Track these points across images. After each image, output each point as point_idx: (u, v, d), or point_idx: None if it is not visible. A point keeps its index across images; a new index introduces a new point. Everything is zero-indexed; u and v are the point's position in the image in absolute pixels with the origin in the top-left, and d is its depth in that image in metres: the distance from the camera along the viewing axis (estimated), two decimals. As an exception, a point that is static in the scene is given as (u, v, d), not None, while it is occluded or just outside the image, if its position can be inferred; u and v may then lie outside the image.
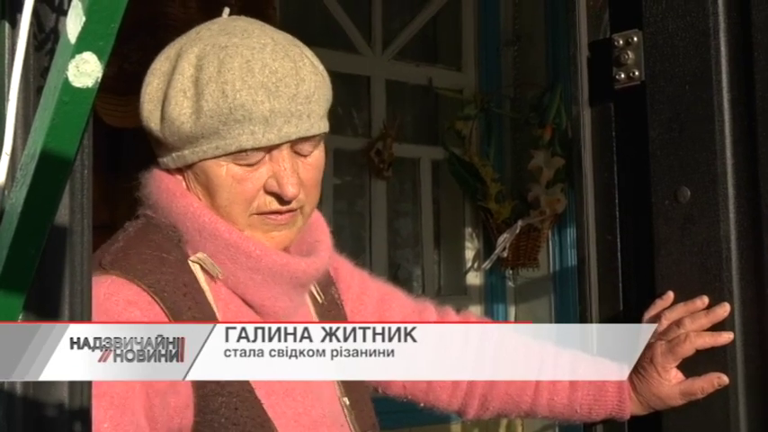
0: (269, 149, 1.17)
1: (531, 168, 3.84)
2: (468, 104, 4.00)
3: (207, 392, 1.13)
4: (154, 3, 2.69)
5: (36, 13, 0.78)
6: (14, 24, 0.79)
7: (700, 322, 1.36)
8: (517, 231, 3.83)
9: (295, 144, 1.18)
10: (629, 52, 1.48)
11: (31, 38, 0.77)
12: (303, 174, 1.20)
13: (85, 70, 0.64)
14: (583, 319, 1.59)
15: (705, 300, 1.36)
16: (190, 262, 1.18)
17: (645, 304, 1.48)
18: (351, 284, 1.45)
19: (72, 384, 0.81)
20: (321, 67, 1.23)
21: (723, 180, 1.37)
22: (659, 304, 1.41)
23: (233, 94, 1.14)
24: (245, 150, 1.16)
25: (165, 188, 1.22)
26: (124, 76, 2.68)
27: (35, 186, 0.68)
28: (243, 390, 1.16)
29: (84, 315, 0.82)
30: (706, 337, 1.35)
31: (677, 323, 1.37)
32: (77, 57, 0.64)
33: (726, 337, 1.35)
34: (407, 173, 4.05)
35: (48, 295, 0.80)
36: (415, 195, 4.06)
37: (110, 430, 1.05)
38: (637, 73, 1.48)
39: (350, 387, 1.34)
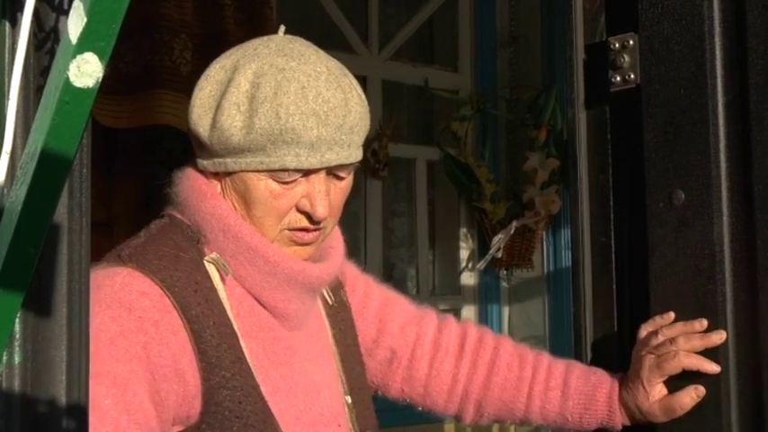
0: (307, 171, 1.24)
1: (526, 169, 3.85)
2: (464, 105, 4.00)
3: (213, 384, 1.19)
4: (149, 3, 2.69)
5: (36, 13, 0.78)
6: (15, 24, 0.80)
7: (693, 343, 1.37)
8: (512, 232, 3.83)
9: (332, 168, 1.25)
10: (625, 55, 1.49)
11: (31, 37, 0.78)
12: (332, 195, 1.27)
13: (86, 70, 0.64)
14: (576, 320, 1.60)
15: (704, 323, 1.37)
16: (205, 262, 1.25)
17: (639, 306, 1.48)
18: (356, 287, 1.50)
19: (69, 383, 0.82)
20: (364, 98, 1.29)
21: (717, 183, 1.38)
22: (658, 322, 1.42)
23: (286, 117, 1.20)
24: (287, 170, 1.22)
25: (198, 188, 1.28)
26: (118, 77, 2.67)
27: (35, 185, 0.68)
28: (247, 385, 1.21)
29: (82, 313, 0.82)
30: (694, 358, 1.36)
31: (671, 340, 1.38)
32: (78, 57, 0.64)
33: (713, 368, 1.35)
34: (403, 173, 4.05)
35: (46, 294, 0.80)
36: (410, 195, 4.06)
37: (111, 407, 1.10)
38: (632, 76, 1.48)
39: (353, 386, 1.39)
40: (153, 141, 2.83)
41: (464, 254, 4.11)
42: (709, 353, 1.37)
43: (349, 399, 1.37)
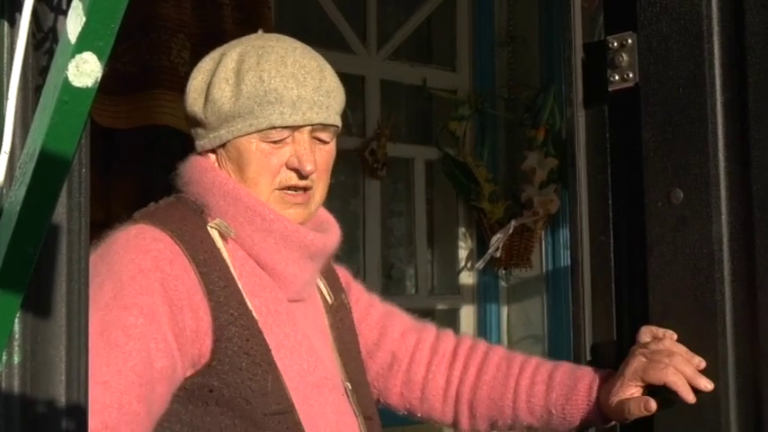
0: (293, 131, 1.38)
1: (525, 169, 3.84)
2: (463, 105, 4.00)
3: (222, 322, 1.29)
4: (147, 3, 2.68)
5: (35, 13, 0.78)
6: (13, 23, 0.80)
7: (684, 368, 1.36)
8: (510, 231, 3.83)
9: (314, 131, 1.40)
10: (624, 54, 1.49)
11: (29, 37, 0.78)
12: (318, 157, 1.40)
13: (85, 70, 0.64)
14: (575, 319, 1.60)
15: (702, 364, 1.37)
16: (208, 227, 1.37)
17: (638, 305, 1.49)
18: (360, 298, 1.59)
19: (68, 382, 0.82)
20: (336, 76, 1.44)
21: (716, 182, 1.38)
22: (663, 333, 1.41)
23: (268, 80, 1.36)
24: (275, 128, 1.36)
25: (199, 166, 1.42)
26: (116, 76, 2.67)
27: (34, 185, 0.68)
28: (253, 327, 1.31)
29: (81, 313, 0.82)
30: (680, 380, 1.36)
31: (669, 353, 1.38)
32: (77, 57, 0.64)
33: (691, 397, 1.35)
34: (401, 173, 4.05)
35: (45, 294, 0.80)
36: (408, 195, 4.06)
37: (140, 336, 1.21)
38: (631, 75, 1.49)
39: (352, 378, 1.45)
40: (151, 141, 2.82)
41: (463, 253, 4.10)
42: (707, 352, 1.38)
43: (349, 385, 1.43)
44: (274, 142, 1.37)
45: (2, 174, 0.76)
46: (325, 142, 1.42)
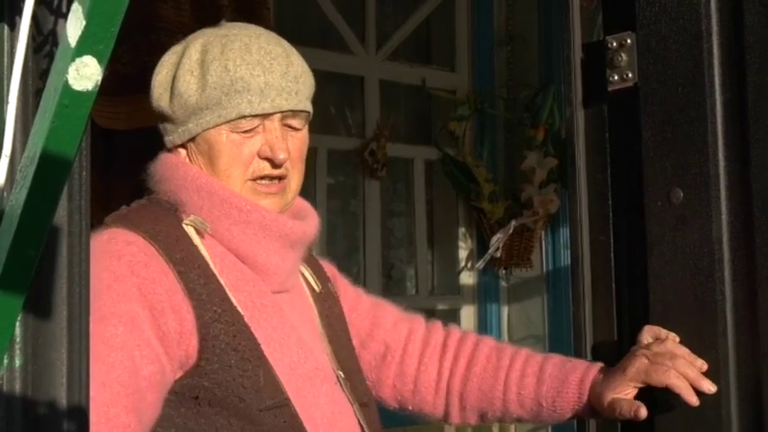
0: (263, 119, 1.35)
1: (525, 169, 3.85)
2: (462, 105, 4.00)
3: (207, 320, 1.26)
4: (147, 5, 2.69)
5: (34, 16, 0.78)
6: (13, 27, 0.80)
7: (687, 371, 1.36)
8: (510, 231, 3.83)
9: (285, 118, 1.37)
10: (623, 54, 1.49)
11: (29, 40, 0.78)
12: (291, 145, 1.38)
13: (85, 73, 0.65)
14: (576, 319, 1.60)
15: (705, 366, 1.36)
16: (184, 225, 1.34)
17: (638, 305, 1.49)
18: (348, 291, 1.58)
19: (70, 385, 0.82)
20: (304, 61, 1.41)
21: (715, 182, 1.38)
22: (665, 334, 1.41)
23: (234, 69, 1.33)
24: (244, 117, 1.34)
25: (169, 162, 1.39)
26: (116, 78, 2.67)
27: (34, 188, 0.68)
28: (239, 323, 1.29)
29: (82, 315, 0.82)
30: (682, 383, 1.35)
31: (671, 355, 1.37)
32: (77, 60, 0.64)
33: (693, 399, 1.35)
34: (401, 173, 4.05)
35: (46, 296, 0.80)
36: (408, 195, 4.06)
37: (122, 344, 1.18)
38: (630, 75, 1.49)
39: (344, 366, 1.44)
40: (150, 142, 2.82)
41: (463, 253, 4.11)
42: (707, 352, 1.38)
43: (341, 373, 1.42)
44: (245, 132, 1.34)
45: (2, 177, 0.76)
46: (296, 129, 1.39)
